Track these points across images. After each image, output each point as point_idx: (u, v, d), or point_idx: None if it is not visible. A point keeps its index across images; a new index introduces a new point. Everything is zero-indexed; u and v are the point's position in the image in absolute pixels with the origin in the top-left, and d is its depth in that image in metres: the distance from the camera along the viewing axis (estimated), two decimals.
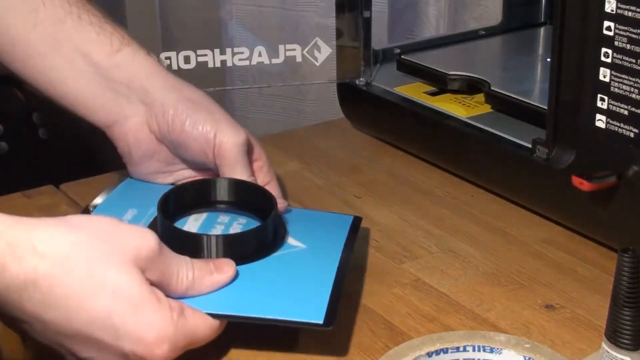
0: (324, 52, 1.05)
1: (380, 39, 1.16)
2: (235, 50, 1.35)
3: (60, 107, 1.44)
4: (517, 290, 0.72)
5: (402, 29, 1.36)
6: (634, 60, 0.68)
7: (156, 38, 1.30)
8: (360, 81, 0.97)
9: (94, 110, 0.79)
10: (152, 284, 0.60)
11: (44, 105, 1.34)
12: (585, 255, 0.77)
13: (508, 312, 0.69)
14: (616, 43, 0.69)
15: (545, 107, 0.76)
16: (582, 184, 0.71)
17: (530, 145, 0.78)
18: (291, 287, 0.67)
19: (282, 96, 1.41)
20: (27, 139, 1.29)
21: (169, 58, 1.16)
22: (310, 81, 1.14)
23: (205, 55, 1.17)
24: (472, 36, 1.04)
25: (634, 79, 0.68)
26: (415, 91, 0.94)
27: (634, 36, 0.67)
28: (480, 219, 0.83)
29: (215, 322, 0.62)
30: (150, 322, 0.58)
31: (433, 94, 0.93)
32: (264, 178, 0.79)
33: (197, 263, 0.64)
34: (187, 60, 1.16)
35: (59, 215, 0.60)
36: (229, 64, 1.19)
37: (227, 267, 0.65)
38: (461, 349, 0.62)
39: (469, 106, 0.89)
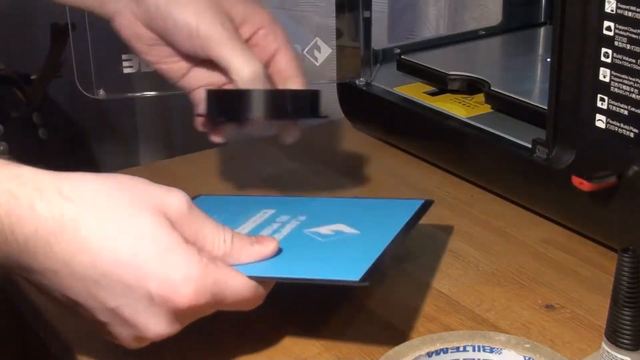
0: (324, 52, 1.05)
1: (380, 39, 1.16)
2: None
3: (60, 107, 1.44)
4: (517, 290, 0.72)
5: (402, 29, 1.36)
6: (634, 60, 0.68)
7: None
8: (360, 81, 0.97)
9: (91, 8, 0.79)
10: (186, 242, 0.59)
11: (44, 105, 1.34)
12: (585, 255, 0.77)
13: (508, 312, 0.69)
14: (616, 43, 0.69)
15: (545, 107, 0.76)
16: (582, 184, 0.71)
17: (530, 145, 0.78)
18: (332, 254, 0.66)
19: None
20: (27, 139, 1.29)
21: None
22: (310, 81, 1.14)
23: None
24: (472, 36, 1.04)
25: (634, 79, 0.68)
26: (415, 91, 0.94)
27: (634, 36, 0.67)
28: (480, 219, 0.83)
29: (251, 283, 0.60)
30: (176, 261, 0.57)
31: (433, 94, 0.93)
32: (268, 47, 0.78)
33: (237, 233, 0.62)
34: None
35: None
36: None
37: (269, 241, 0.64)
38: (461, 349, 0.62)
39: (469, 106, 0.89)
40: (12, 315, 0.81)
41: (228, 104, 0.75)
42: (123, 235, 0.57)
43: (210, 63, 0.76)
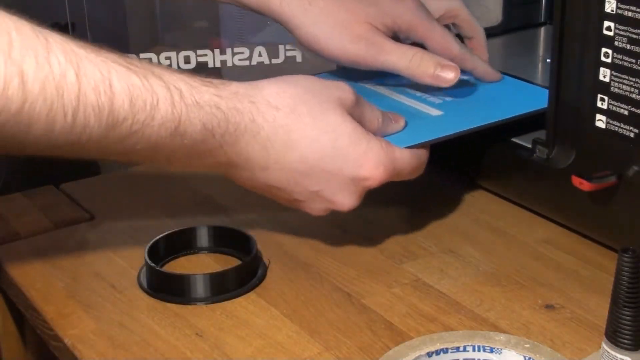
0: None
1: None
2: (235, 50, 1.35)
3: None
4: (517, 290, 0.72)
5: None
6: (634, 60, 0.68)
7: (156, 38, 1.30)
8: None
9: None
10: None
11: None
12: (585, 255, 0.77)
13: (508, 312, 0.69)
14: (616, 43, 0.69)
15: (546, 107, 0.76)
16: (582, 184, 0.71)
17: (530, 145, 0.78)
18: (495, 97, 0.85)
19: None
20: None
21: (169, 58, 1.16)
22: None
23: (205, 55, 1.17)
24: None
25: (634, 79, 0.68)
26: None
27: (634, 36, 0.67)
28: (480, 219, 0.83)
29: (419, 154, 0.75)
30: (367, 149, 0.71)
31: None
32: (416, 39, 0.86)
33: (384, 112, 0.76)
34: (187, 60, 1.17)
35: (60, 215, 0.60)
36: (229, 64, 1.19)
37: (399, 117, 0.78)
38: (461, 349, 0.62)
39: None
40: (12, 314, 0.81)
41: None
42: (323, 135, 0.69)
43: None
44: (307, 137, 0.69)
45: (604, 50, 0.70)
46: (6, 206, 0.87)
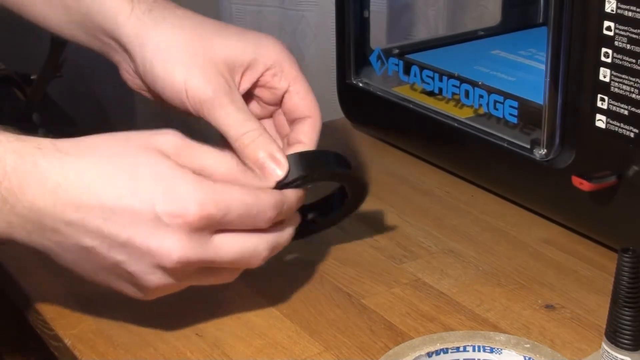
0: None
1: (379, 39, 1.16)
2: None
3: (60, 107, 1.44)
4: (517, 290, 0.72)
5: (401, 29, 1.36)
6: (634, 60, 0.68)
7: None
8: (360, 81, 0.97)
9: (102, 53, 0.76)
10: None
11: (44, 105, 1.35)
12: (585, 255, 0.77)
13: (508, 312, 0.69)
14: (616, 43, 0.69)
15: (545, 107, 0.76)
16: (582, 184, 0.71)
17: (529, 146, 0.78)
18: None
19: None
20: None
21: None
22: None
23: None
24: (471, 36, 1.04)
25: (634, 79, 0.68)
26: (414, 91, 0.94)
27: (634, 36, 0.67)
28: (480, 219, 0.83)
29: (254, 191, 0.61)
30: (175, 181, 0.59)
31: (432, 93, 0.93)
32: (277, 86, 0.72)
33: (244, 167, 0.63)
34: None
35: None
36: None
37: (282, 164, 0.65)
38: (461, 349, 0.62)
39: (468, 106, 0.89)
40: (11, 314, 0.81)
41: None
42: (121, 171, 0.59)
43: None
44: (101, 177, 0.59)
45: (604, 50, 0.70)
46: None
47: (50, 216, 0.58)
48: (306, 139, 0.72)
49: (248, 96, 0.73)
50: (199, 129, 0.73)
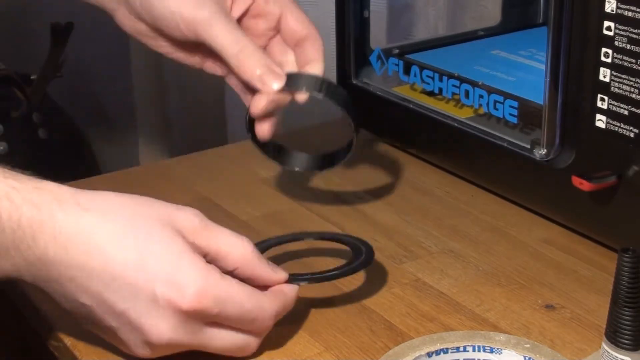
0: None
1: (378, 39, 1.16)
2: None
3: (60, 107, 1.44)
4: (517, 290, 0.72)
5: (401, 29, 1.36)
6: (634, 60, 0.68)
7: None
8: (360, 81, 0.97)
9: (95, 2, 0.79)
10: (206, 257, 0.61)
11: (44, 105, 1.35)
12: (585, 255, 0.77)
13: (508, 312, 0.69)
14: (616, 43, 0.69)
15: (545, 107, 0.76)
16: (582, 184, 0.71)
17: (529, 146, 0.78)
18: None
19: None
20: (27, 139, 1.29)
21: None
22: None
23: None
24: (471, 36, 1.04)
25: (634, 79, 0.68)
26: (414, 91, 0.94)
27: (634, 36, 0.67)
28: (480, 219, 0.83)
29: (255, 296, 0.61)
30: (181, 265, 0.59)
31: (432, 93, 0.93)
32: (271, 12, 0.75)
33: (260, 260, 0.63)
34: None
35: None
36: None
37: (282, 272, 0.65)
38: (461, 349, 0.62)
39: (468, 106, 0.89)
40: (12, 315, 0.81)
41: None
42: (133, 241, 0.59)
43: None
44: (112, 241, 0.59)
45: (604, 50, 0.70)
46: None
47: (56, 269, 0.59)
48: (314, 55, 0.74)
49: (242, 27, 0.75)
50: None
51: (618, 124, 0.70)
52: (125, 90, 1.55)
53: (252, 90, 0.75)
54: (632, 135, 0.70)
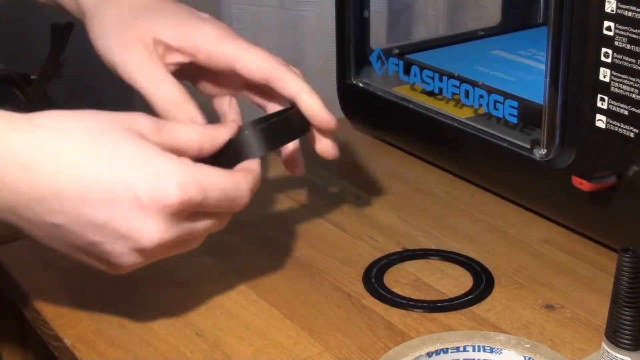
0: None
1: (378, 39, 1.16)
2: None
3: (60, 107, 1.43)
4: (517, 290, 0.72)
5: (401, 29, 1.36)
6: (634, 60, 0.68)
7: None
8: (360, 81, 0.97)
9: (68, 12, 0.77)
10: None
11: (44, 105, 1.34)
12: (585, 255, 0.77)
13: (508, 312, 0.69)
14: (616, 43, 0.69)
15: (545, 107, 0.76)
16: (582, 184, 0.71)
17: (529, 146, 0.78)
18: None
19: None
20: None
21: None
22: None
23: None
24: (471, 36, 1.04)
25: (634, 79, 0.68)
26: (414, 91, 0.94)
27: (634, 36, 0.67)
28: (480, 219, 0.83)
29: (233, 175, 0.62)
30: (156, 162, 0.58)
31: (432, 93, 0.93)
32: (232, 75, 0.71)
33: (206, 126, 0.65)
34: None
35: None
36: None
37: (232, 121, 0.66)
38: (461, 349, 0.62)
39: (468, 106, 0.89)
40: (12, 314, 0.81)
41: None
42: (100, 148, 0.58)
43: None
44: (79, 153, 0.57)
45: (604, 50, 0.70)
46: None
47: (21, 193, 0.57)
48: (293, 89, 0.69)
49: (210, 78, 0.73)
50: None
51: (618, 124, 0.70)
52: (125, 90, 1.55)
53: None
54: (632, 135, 0.70)
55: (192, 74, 0.74)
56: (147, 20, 0.71)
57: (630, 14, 0.67)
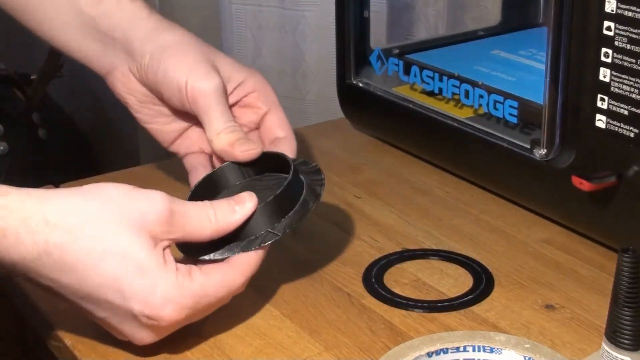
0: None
1: (378, 39, 1.16)
2: (236, 49, 1.34)
3: (60, 107, 1.44)
4: (517, 290, 0.72)
5: (401, 29, 1.36)
6: (634, 60, 0.68)
7: None
8: (360, 81, 0.97)
9: (89, 61, 0.80)
10: (178, 242, 0.64)
11: (44, 105, 1.35)
12: (585, 255, 0.77)
13: (508, 312, 0.69)
14: (616, 43, 0.69)
15: (545, 107, 0.76)
16: (582, 184, 0.71)
17: (529, 146, 0.78)
18: None
19: (282, 96, 1.41)
20: (27, 139, 1.29)
21: None
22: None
23: None
24: (471, 36, 1.04)
25: (634, 79, 0.68)
26: (414, 91, 0.94)
27: (634, 36, 0.67)
28: (480, 219, 0.83)
29: (226, 280, 0.64)
30: (154, 284, 0.61)
31: (432, 93, 0.93)
32: (259, 108, 0.78)
33: (218, 205, 0.65)
34: None
35: None
36: None
37: (248, 200, 0.66)
38: (461, 349, 0.62)
39: (468, 106, 0.89)
40: (12, 315, 0.81)
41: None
42: (106, 258, 0.60)
43: (199, 129, 0.77)
44: (84, 262, 0.60)
45: (604, 50, 0.70)
46: None
47: (30, 277, 0.61)
48: (287, 153, 0.75)
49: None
50: None
51: (618, 124, 0.70)
52: None
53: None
54: (632, 135, 0.70)
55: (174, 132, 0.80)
56: (219, 54, 0.78)
57: (630, 14, 0.67)
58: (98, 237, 0.60)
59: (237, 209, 0.65)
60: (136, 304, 0.61)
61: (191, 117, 0.77)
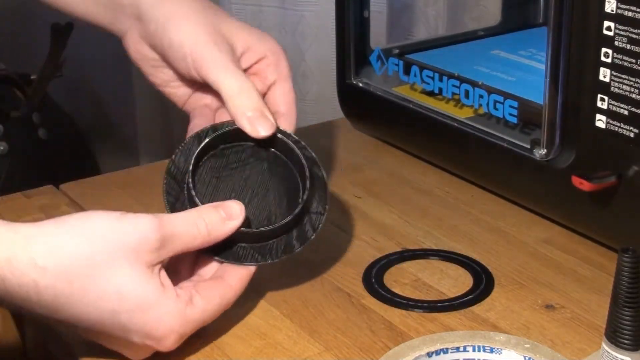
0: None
1: (378, 39, 1.16)
2: None
3: (60, 107, 1.43)
4: (517, 290, 0.72)
5: (401, 29, 1.36)
6: (634, 60, 0.68)
7: None
8: (360, 81, 0.97)
9: (103, 27, 0.80)
10: (172, 258, 0.64)
11: (44, 105, 1.35)
12: (585, 255, 0.77)
13: (508, 312, 0.69)
14: (616, 43, 0.69)
15: (545, 107, 0.76)
16: (582, 184, 0.71)
17: (529, 146, 0.78)
18: None
19: None
20: (27, 139, 1.29)
21: None
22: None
23: None
24: (471, 36, 1.04)
25: (634, 79, 0.68)
26: (414, 91, 0.94)
27: (634, 36, 0.67)
28: (480, 219, 0.83)
29: (222, 300, 0.65)
30: (157, 318, 0.61)
31: (432, 94, 0.93)
32: (267, 77, 0.76)
33: (208, 214, 0.65)
34: None
35: (60, 215, 0.60)
36: None
37: (234, 207, 0.66)
38: (461, 349, 0.62)
39: (468, 106, 0.89)
40: (12, 314, 0.81)
41: None
42: (104, 298, 0.59)
43: (209, 88, 0.76)
44: (80, 303, 0.59)
45: (604, 50, 0.70)
46: (6, 206, 0.87)
47: (28, 311, 0.60)
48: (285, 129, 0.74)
49: None
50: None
51: (618, 124, 0.70)
52: (125, 90, 1.55)
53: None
54: (632, 135, 0.70)
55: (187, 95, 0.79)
56: (229, 19, 0.76)
57: (630, 14, 0.67)
58: (92, 278, 0.59)
59: (227, 222, 0.66)
60: (137, 336, 0.61)
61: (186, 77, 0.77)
